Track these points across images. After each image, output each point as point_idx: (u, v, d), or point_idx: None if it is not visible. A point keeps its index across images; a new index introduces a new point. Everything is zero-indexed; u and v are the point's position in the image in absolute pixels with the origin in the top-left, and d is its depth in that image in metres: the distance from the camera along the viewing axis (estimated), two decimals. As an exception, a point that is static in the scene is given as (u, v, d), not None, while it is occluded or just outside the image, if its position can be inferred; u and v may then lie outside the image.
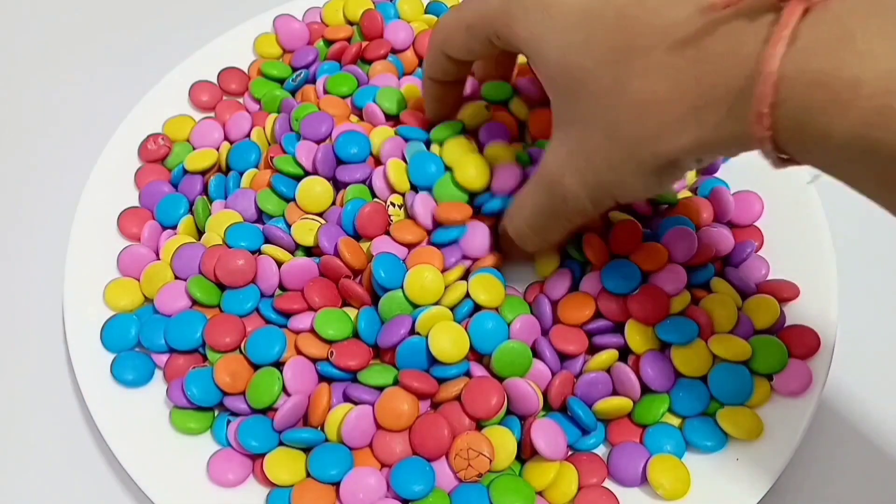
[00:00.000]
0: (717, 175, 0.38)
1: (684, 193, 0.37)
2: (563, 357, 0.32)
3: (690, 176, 0.38)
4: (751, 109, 0.22)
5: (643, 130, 0.24)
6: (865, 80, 0.20)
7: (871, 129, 0.20)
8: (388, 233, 0.34)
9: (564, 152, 0.28)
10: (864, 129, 0.20)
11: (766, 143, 0.22)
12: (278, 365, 0.32)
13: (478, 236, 0.33)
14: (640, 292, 0.32)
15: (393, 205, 0.34)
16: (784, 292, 0.33)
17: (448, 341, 0.31)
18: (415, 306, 0.32)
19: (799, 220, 0.36)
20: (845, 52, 0.20)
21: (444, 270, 0.33)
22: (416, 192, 0.34)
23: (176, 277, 0.34)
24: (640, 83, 0.24)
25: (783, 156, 0.23)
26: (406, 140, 0.36)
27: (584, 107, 0.26)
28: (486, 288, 0.32)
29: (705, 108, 0.23)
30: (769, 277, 0.35)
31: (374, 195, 0.35)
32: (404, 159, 0.35)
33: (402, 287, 0.32)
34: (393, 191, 0.35)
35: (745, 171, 0.37)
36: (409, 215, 0.34)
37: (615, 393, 0.31)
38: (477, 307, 0.32)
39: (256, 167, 0.37)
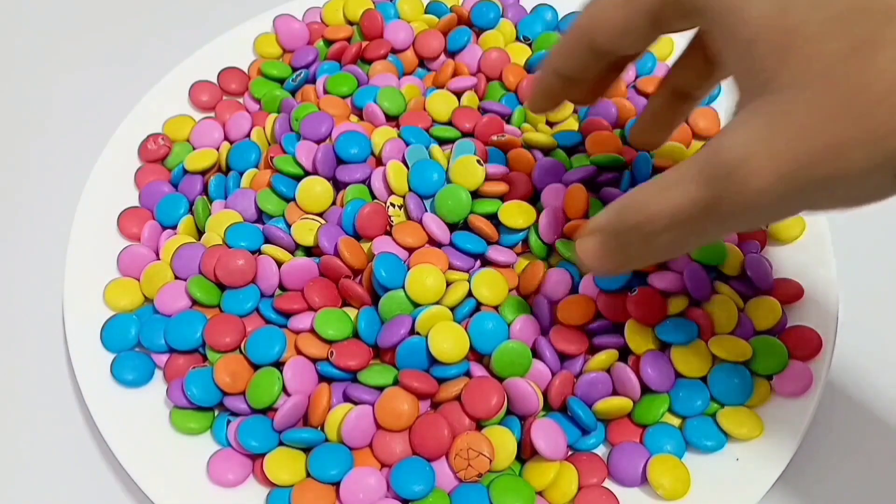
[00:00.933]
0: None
1: None
2: (563, 357, 0.32)
3: None
4: None
5: (892, 111, 0.19)
6: None
7: None
8: (388, 233, 0.34)
9: (760, 129, 0.20)
10: None
11: None
12: (278, 365, 0.32)
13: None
14: (639, 293, 0.32)
15: (393, 205, 0.34)
16: (788, 292, 0.33)
17: (448, 341, 0.31)
18: (416, 305, 0.32)
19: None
20: None
21: (446, 271, 0.33)
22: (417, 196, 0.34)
23: (176, 277, 0.34)
24: (892, 53, 0.19)
25: None
26: (407, 143, 0.36)
27: (803, 72, 0.20)
28: (490, 285, 0.32)
29: None
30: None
31: (373, 196, 0.35)
32: (405, 161, 0.35)
33: (403, 286, 0.32)
34: (392, 193, 0.35)
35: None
36: (410, 217, 0.34)
37: (615, 393, 0.31)
38: (477, 307, 0.32)
39: (256, 167, 0.37)
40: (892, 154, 0.19)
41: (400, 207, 0.35)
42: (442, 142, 0.36)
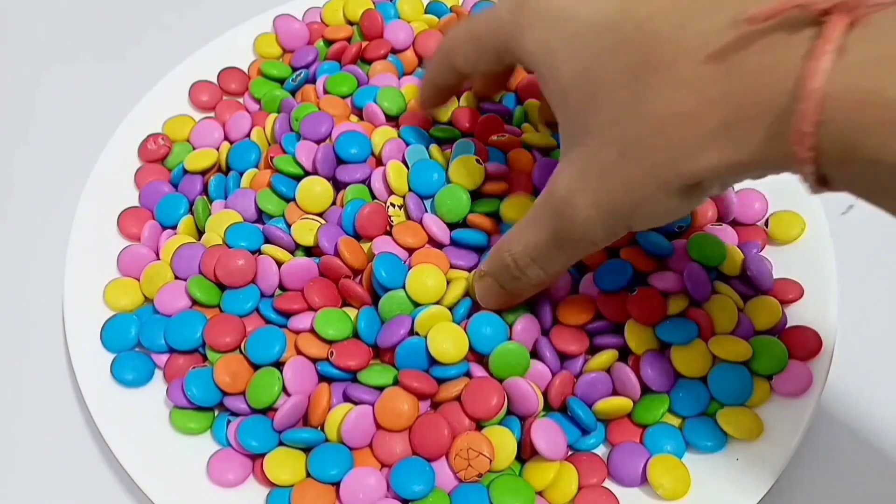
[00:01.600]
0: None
1: None
2: (563, 357, 0.32)
3: None
4: (791, 128, 0.20)
5: (666, 147, 0.23)
6: None
7: None
8: (388, 233, 0.34)
9: (576, 172, 0.25)
10: None
11: (808, 165, 0.20)
12: (278, 365, 0.32)
13: None
14: (639, 293, 0.32)
15: (393, 205, 0.34)
16: (788, 292, 0.33)
17: (448, 342, 0.31)
18: (416, 305, 0.32)
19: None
20: None
21: (447, 271, 0.33)
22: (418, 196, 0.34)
23: (176, 277, 0.34)
24: (663, 98, 0.22)
25: (820, 181, 0.21)
26: (407, 144, 0.36)
27: (598, 122, 0.24)
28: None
29: (737, 124, 0.21)
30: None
31: (373, 196, 0.35)
32: (405, 162, 0.35)
33: (403, 286, 0.32)
34: (392, 193, 0.35)
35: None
36: (410, 217, 0.34)
37: (615, 393, 0.31)
38: (476, 306, 0.32)
39: (256, 167, 0.37)
40: (666, 182, 0.23)
41: (400, 207, 0.35)
42: (441, 142, 0.36)
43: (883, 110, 0.19)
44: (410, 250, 0.34)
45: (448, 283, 0.33)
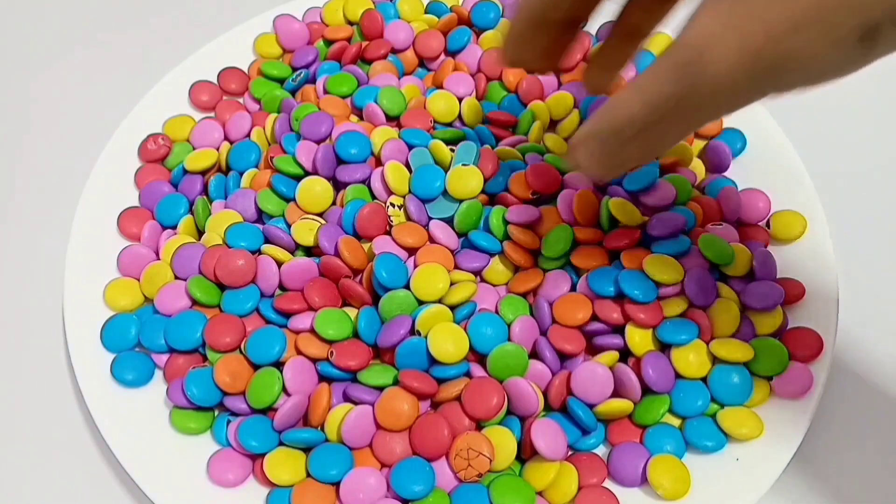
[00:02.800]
0: (726, 174, 0.38)
1: (693, 192, 0.37)
2: (563, 357, 0.32)
3: (700, 173, 0.38)
4: None
5: None
6: None
7: None
8: (388, 233, 0.34)
9: (722, 11, 0.20)
10: None
11: None
12: (278, 365, 0.32)
13: None
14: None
15: (392, 205, 0.34)
16: (790, 292, 0.33)
17: (448, 342, 0.31)
18: (420, 303, 0.32)
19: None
20: None
21: (451, 270, 0.33)
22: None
23: (176, 277, 0.34)
24: None
25: None
26: (409, 146, 0.36)
27: None
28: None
29: None
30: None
31: (373, 196, 0.35)
32: (406, 164, 0.35)
33: (406, 285, 0.32)
34: (391, 193, 0.35)
35: (749, 170, 0.37)
36: (410, 218, 0.34)
37: (616, 394, 0.31)
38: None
39: (256, 167, 0.37)
40: (840, 21, 0.19)
41: (400, 207, 0.35)
42: (446, 143, 0.36)
43: None
44: (410, 250, 0.34)
45: (451, 283, 0.33)
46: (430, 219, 0.34)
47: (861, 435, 0.34)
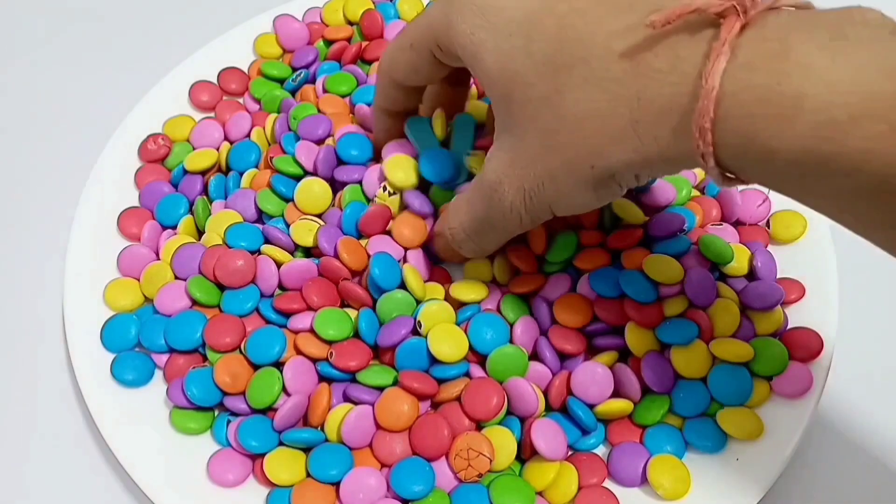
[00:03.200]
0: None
1: (693, 192, 0.37)
2: (563, 357, 0.32)
3: (700, 174, 0.38)
4: (693, 125, 0.21)
5: (581, 142, 0.24)
6: (809, 94, 0.19)
7: (819, 142, 0.19)
8: (388, 233, 0.34)
9: (504, 159, 0.27)
10: (811, 144, 0.20)
11: (709, 158, 0.22)
12: (278, 365, 0.32)
13: None
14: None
15: (385, 189, 0.34)
16: (790, 292, 0.33)
17: (447, 342, 0.31)
18: (417, 301, 0.32)
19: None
20: (786, 65, 0.20)
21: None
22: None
23: (176, 277, 0.34)
24: (578, 94, 0.24)
25: (728, 174, 0.22)
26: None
27: (522, 114, 0.25)
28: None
29: (645, 122, 0.23)
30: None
31: (367, 197, 0.35)
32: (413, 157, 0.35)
33: (401, 286, 0.32)
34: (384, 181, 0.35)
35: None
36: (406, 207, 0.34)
37: (616, 394, 0.31)
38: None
39: (256, 167, 0.37)
40: (582, 174, 0.25)
41: (392, 194, 0.34)
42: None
43: (771, 104, 0.20)
44: (407, 247, 0.33)
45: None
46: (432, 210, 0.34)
47: (861, 435, 0.34)
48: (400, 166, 0.34)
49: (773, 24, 0.21)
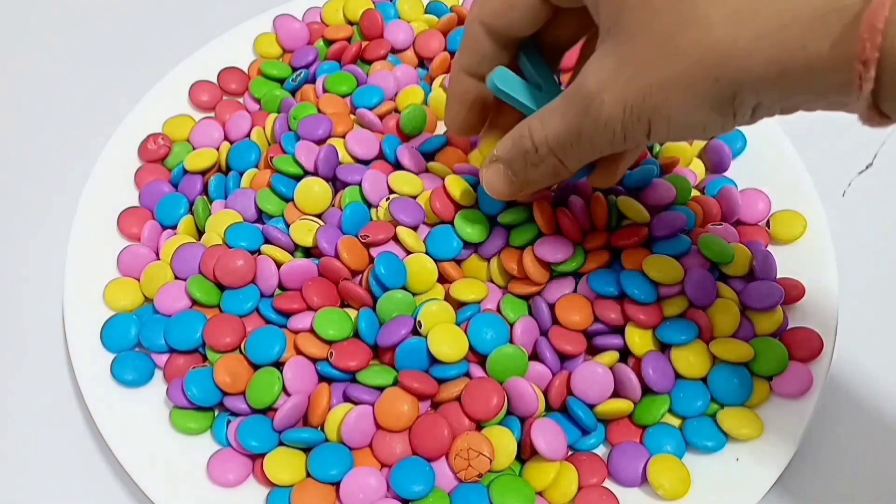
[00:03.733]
0: (726, 174, 0.38)
1: (693, 192, 0.37)
2: (563, 357, 0.32)
3: (700, 173, 0.38)
4: (862, 23, 0.18)
5: (707, 43, 0.21)
6: None
7: None
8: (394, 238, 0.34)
9: (609, 65, 0.24)
10: None
11: (870, 68, 0.19)
12: (278, 365, 0.32)
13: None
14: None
15: (388, 200, 0.34)
16: (790, 292, 0.33)
17: (447, 342, 0.31)
18: (415, 296, 0.32)
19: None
20: None
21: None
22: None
23: (176, 277, 0.34)
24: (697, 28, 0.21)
25: (878, 108, 0.20)
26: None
27: (639, 14, 0.22)
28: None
29: (795, 23, 0.20)
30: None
31: (365, 199, 0.35)
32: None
33: (403, 286, 0.32)
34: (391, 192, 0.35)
35: (749, 170, 0.37)
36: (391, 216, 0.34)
37: (616, 394, 0.31)
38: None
39: (256, 167, 0.37)
40: (701, 85, 0.22)
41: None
42: None
43: None
44: (408, 251, 0.33)
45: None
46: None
47: (860, 435, 0.34)
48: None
49: None
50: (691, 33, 0.21)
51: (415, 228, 0.34)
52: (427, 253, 0.33)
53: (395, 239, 0.33)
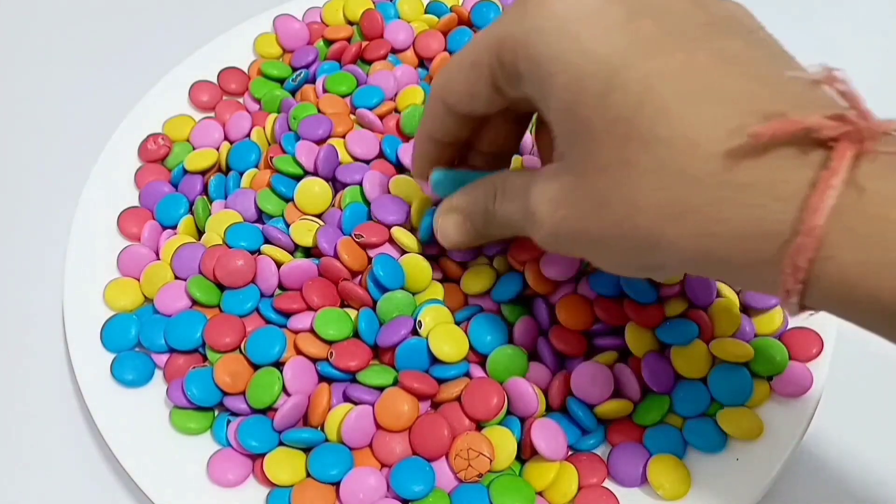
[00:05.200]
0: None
1: None
2: (563, 357, 0.32)
3: None
4: (786, 257, 0.19)
5: (641, 230, 0.21)
6: None
7: None
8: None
9: (552, 193, 0.24)
10: None
11: (794, 296, 0.19)
12: (278, 365, 0.32)
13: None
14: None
15: None
16: None
17: (448, 342, 0.31)
18: (414, 295, 0.32)
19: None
20: None
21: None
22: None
23: (176, 277, 0.34)
24: (649, 181, 0.21)
25: (804, 307, 0.20)
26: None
27: (584, 162, 0.23)
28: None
29: (724, 235, 0.20)
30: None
31: (365, 199, 0.35)
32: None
33: (402, 287, 0.32)
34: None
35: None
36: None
37: (616, 394, 0.31)
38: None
39: (256, 167, 0.37)
40: (628, 260, 0.23)
41: None
42: None
43: (887, 251, 0.18)
44: (404, 251, 0.33)
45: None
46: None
47: (860, 435, 0.34)
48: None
49: (889, 158, 0.18)
50: (629, 216, 0.21)
51: (403, 224, 0.34)
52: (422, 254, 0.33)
53: (391, 239, 0.34)
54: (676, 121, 0.20)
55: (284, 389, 0.31)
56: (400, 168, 0.36)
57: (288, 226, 0.35)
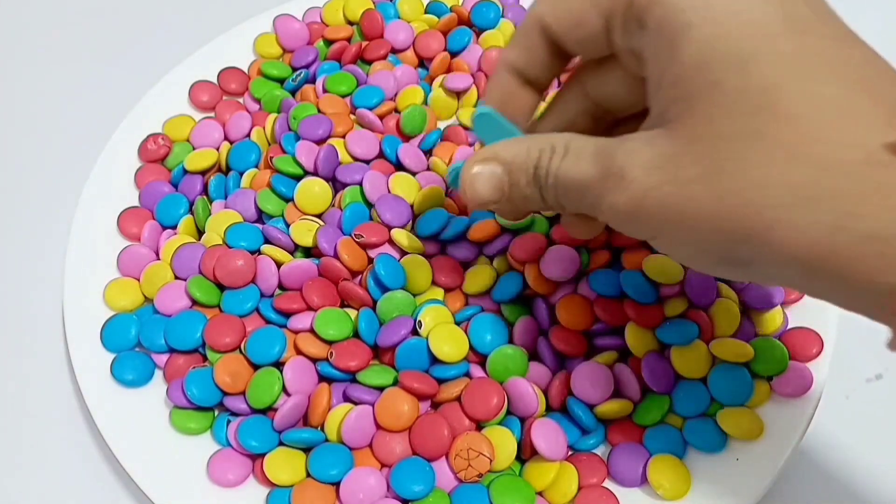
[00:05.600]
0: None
1: None
2: (563, 357, 0.32)
3: None
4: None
5: (750, 216, 0.19)
6: None
7: None
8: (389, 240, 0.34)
9: (645, 159, 0.21)
10: None
11: None
12: (278, 365, 0.32)
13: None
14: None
15: None
16: (790, 292, 0.33)
17: (448, 342, 0.31)
18: (415, 296, 0.32)
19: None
20: None
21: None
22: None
23: (176, 277, 0.34)
24: (775, 168, 0.19)
25: None
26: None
27: (696, 131, 0.21)
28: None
29: (858, 232, 0.19)
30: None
31: (365, 199, 0.35)
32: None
33: (403, 286, 0.32)
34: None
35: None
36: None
37: (616, 394, 0.31)
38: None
39: (256, 167, 0.37)
40: (713, 253, 0.21)
41: None
42: None
43: None
44: (404, 252, 0.34)
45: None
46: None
47: (861, 435, 0.34)
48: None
49: None
50: (737, 182, 0.20)
51: (404, 226, 0.34)
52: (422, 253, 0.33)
53: (391, 241, 0.34)
54: (827, 102, 0.19)
55: (284, 389, 0.31)
56: (400, 168, 0.36)
57: (288, 226, 0.35)
